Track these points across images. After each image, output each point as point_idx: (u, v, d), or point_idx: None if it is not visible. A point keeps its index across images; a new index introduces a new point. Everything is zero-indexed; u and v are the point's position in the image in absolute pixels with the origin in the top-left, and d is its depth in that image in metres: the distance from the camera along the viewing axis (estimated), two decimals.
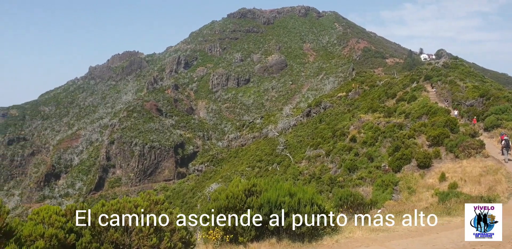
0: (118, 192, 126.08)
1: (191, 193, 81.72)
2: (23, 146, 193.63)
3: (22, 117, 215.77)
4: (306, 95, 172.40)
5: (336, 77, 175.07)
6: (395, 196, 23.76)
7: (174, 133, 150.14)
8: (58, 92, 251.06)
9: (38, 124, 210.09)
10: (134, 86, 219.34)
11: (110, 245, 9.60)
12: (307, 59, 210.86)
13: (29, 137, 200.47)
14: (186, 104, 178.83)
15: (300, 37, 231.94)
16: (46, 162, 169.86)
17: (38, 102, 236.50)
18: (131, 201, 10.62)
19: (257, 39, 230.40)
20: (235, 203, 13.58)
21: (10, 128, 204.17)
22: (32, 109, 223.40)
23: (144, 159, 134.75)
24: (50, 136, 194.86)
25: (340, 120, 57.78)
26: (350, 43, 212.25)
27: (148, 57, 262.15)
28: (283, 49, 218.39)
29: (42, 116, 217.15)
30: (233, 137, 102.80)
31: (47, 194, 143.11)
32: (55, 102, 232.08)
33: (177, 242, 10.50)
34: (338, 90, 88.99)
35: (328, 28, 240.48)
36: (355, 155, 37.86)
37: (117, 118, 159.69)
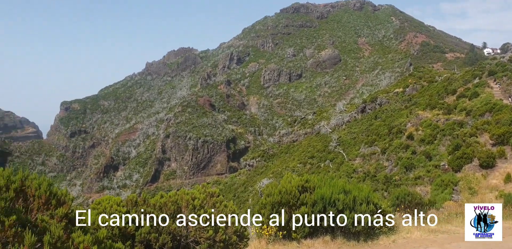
0: (173, 185, 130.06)
1: (242, 187, 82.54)
2: (84, 139, 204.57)
3: (84, 111, 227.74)
4: (361, 90, 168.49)
5: (393, 72, 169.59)
6: (455, 197, 22.67)
7: (226, 128, 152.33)
8: (117, 87, 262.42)
9: (98, 117, 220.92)
10: (189, 81, 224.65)
11: (167, 236, 9.83)
12: (362, 53, 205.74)
13: (90, 130, 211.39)
14: (238, 100, 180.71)
15: (355, 31, 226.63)
16: (105, 154, 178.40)
17: (98, 96, 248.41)
18: (188, 193, 10.83)
19: (310, 34, 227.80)
20: (289, 199, 13.48)
21: (72, 121, 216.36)
22: (92, 104, 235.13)
23: (198, 153, 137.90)
24: (109, 129, 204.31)
25: (396, 116, 55.93)
26: (407, 37, 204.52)
27: (202, 53, 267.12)
28: (337, 44, 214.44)
29: (102, 110, 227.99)
30: (284, 132, 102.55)
31: (106, 185, 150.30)
32: (114, 96, 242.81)
33: (232, 235, 10.58)
34: (395, 86, 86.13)
35: (384, 22, 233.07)
36: (412, 153, 36.52)
37: (172, 112, 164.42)
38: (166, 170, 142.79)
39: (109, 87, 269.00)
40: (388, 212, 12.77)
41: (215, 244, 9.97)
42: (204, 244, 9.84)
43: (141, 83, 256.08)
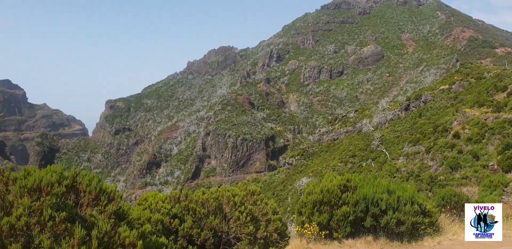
0: (213, 182, 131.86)
1: (281, 185, 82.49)
2: (128, 136, 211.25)
3: (128, 109, 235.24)
4: (405, 88, 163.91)
5: (438, 68, 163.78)
6: (505, 198, 21.61)
7: (265, 126, 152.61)
8: (159, 86, 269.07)
9: (141, 115, 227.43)
10: (228, 80, 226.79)
11: (209, 232, 9.98)
12: (406, 50, 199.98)
13: (133, 127, 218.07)
14: (278, 98, 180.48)
15: (398, 27, 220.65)
16: (148, 151, 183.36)
17: (142, 95, 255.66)
18: (229, 190, 10.94)
19: (352, 30, 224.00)
20: (330, 198, 13.34)
21: (117, 119, 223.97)
22: (136, 102, 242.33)
23: (237, 151, 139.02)
24: (152, 127, 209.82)
25: (442, 114, 54.02)
26: (454, 32, 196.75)
27: (242, 52, 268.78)
28: (380, 40, 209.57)
29: (145, 108, 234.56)
30: (324, 131, 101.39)
31: (148, 181, 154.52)
32: (156, 95, 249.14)
33: (273, 232, 10.59)
34: (440, 83, 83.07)
35: (429, 17, 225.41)
36: (459, 153, 35.17)
37: (212, 111, 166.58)
38: (206, 167, 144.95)
39: (152, 86, 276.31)
40: (433, 212, 12.41)
41: (255, 241, 10.02)
42: (245, 241, 9.91)
43: (182, 82, 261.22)
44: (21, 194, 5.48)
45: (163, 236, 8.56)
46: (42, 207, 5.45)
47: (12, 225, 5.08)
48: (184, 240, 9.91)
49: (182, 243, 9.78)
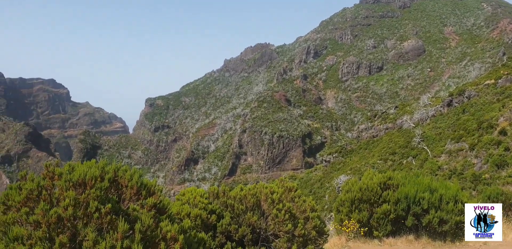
0: (249, 178, 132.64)
1: (318, 183, 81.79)
2: (167, 133, 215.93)
3: (166, 107, 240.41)
4: (447, 83, 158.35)
5: (483, 62, 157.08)
6: None
7: (302, 123, 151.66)
8: (197, 84, 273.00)
9: (179, 113, 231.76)
10: (265, 77, 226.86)
11: (247, 228, 10.01)
12: (448, 43, 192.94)
13: (172, 125, 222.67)
14: (315, 94, 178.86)
15: (441, 20, 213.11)
16: (186, 148, 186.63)
17: (180, 93, 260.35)
18: (267, 187, 10.92)
19: (392, 24, 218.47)
20: (370, 196, 13.12)
21: (156, 117, 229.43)
22: (174, 100, 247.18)
23: (273, 148, 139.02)
24: (190, 124, 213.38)
25: (487, 110, 51.80)
26: (500, 24, 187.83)
27: (279, 48, 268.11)
28: (421, 34, 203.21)
29: (183, 106, 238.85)
30: (363, 127, 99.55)
31: (187, 177, 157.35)
32: (194, 93, 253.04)
33: (311, 230, 10.50)
34: (485, 77, 79.61)
35: (474, 9, 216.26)
36: (505, 150, 33.63)
37: (248, 108, 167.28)
38: (243, 164, 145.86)
39: (190, 84, 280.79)
40: None
41: (294, 239, 9.97)
42: (283, 238, 9.88)
43: (219, 80, 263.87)
44: (66, 188, 5.68)
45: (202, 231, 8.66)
46: (87, 200, 5.62)
47: (59, 215, 5.26)
48: (223, 236, 9.98)
49: (221, 239, 9.86)
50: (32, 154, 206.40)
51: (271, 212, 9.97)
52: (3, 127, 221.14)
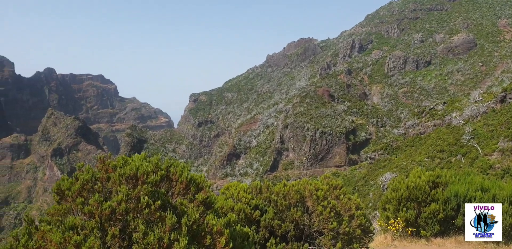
0: (291, 174, 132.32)
1: (362, 181, 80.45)
2: (210, 128, 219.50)
3: (210, 102, 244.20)
4: (500, 78, 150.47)
5: None
6: None
7: (346, 119, 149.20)
8: (240, 79, 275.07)
9: (222, 108, 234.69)
10: (308, 72, 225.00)
11: (291, 224, 9.98)
12: (503, 37, 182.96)
13: (215, 120, 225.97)
14: (359, 89, 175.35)
15: (494, 12, 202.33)
16: (228, 143, 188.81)
17: (223, 89, 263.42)
18: (311, 183, 10.84)
19: (441, 17, 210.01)
20: (417, 195, 12.77)
21: (200, 112, 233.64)
22: (217, 95, 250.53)
23: (316, 144, 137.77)
24: (232, 119, 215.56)
25: None
26: None
27: (322, 43, 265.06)
28: (472, 27, 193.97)
29: (225, 101, 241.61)
30: (410, 124, 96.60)
31: (229, 172, 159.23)
32: (236, 88, 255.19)
33: (356, 228, 10.34)
34: None
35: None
36: None
37: (291, 103, 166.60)
38: (285, 160, 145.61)
39: (232, 79, 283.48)
40: None
41: (338, 236, 9.86)
42: (328, 236, 9.78)
43: (261, 75, 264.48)
44: (119, 181, 5.88)
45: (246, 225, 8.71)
46: (139, 195, 5.80)
47: (113, 209, 5.47)
48: (266, 231, 10.02)
49: (264, 234, 9.90)
50: (81, 147, 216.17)
51: (316, 209, 9.89)
52: (55, 121, 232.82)
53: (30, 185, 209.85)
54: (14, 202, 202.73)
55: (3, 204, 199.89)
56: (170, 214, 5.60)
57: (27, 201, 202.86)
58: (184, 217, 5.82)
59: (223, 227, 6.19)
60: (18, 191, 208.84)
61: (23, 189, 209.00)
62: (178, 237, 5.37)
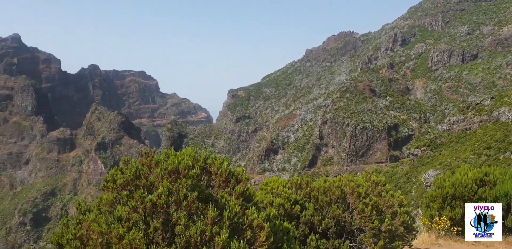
0: (330, 171, 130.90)
1: (404, 178, 78.59)
2: (248, 124, 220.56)
3: (248, 97, 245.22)
4: None
5: None
6: None
7: (388, 114, 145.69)
8: (278, 74, 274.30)
9: (260, 104, 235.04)
10: (348, 66, 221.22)
11: (331, 221, 9.86)
12: None
13: (253, 115, 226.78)
14: (402, 84, 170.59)
15: None
16: (266, 138, 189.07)
17: (261, 84, 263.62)
18: (352, 180, 10.65)
19: (489, 8, 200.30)
20: (464, 193, 12.32)
21: (238, 107, 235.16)
22: (255, 91, 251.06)
23: (356, 140, 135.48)
24: (270, 115, 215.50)
25: None
26: None
27: (363, 37, 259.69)
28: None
29: (263, 97, 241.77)
30: (455, 120, 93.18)
31: (266, 167, 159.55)
32: (275, 84, 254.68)
33: (399, 226, 10.10)
34: None
35: None
36: None
37: (330, 98, 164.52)
38: (323, 156, 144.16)
39: (270, 75, 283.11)
40: None
41: (380, 234, 9.66)
42: (369, 233, 9.60)
43: (300, 70, 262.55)
44: (162, 176, 5.99)
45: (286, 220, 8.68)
46: (179, 188, 5.89)
47: (154, 202, 5.58)
48: (306, 227, 9.95)
49: (304, 230, 9.84)
50: (124, 141, 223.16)
51: (357, 206, 9.71)
52: (99, 116, 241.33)
53: (75, 177, 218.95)
54: (60, 194, 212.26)
55: (50, 196, 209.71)
56: (211, 207, 5.65)
57: (72, 193, 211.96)
58: (225, 210, 5.86)
59: (264, 222, 6.18)
60: (64, 183, 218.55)
61: (68, 181, 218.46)
62: (220, 230, 5.41)
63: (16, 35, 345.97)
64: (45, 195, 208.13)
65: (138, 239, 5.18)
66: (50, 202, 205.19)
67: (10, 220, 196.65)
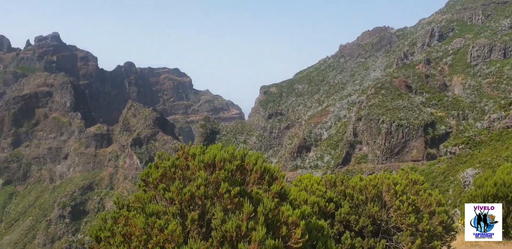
0: (364, 169, 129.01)
1: (442, 176, 76.46)
2: (280, 120, 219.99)
3: (280, 94, 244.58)
4: None
5: None
6: None
7: (424, 111, 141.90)
8: (311, 70, 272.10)
9: (292, 100, 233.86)
10: (383, 62, 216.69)
11: (367, 219, 9.70)
12: None
13: (285, 112, 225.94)
14: (439, 80, 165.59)
15: None
16: (298, 135, 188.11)
17: (293, 80, 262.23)
18: (389, 178, 10.43)
19: None
20: (507, 192, 11.89)
21: (270, 104, 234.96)
22: (288, 87, 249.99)
23: (391, 137, 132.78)
24: (303, 111, 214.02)
25: None
26: None
27: (399, 32, 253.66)
28: None
29: (296, 93, 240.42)
30: (496, 117, 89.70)
31: (299, 164, 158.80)
32: (307, 80, 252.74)
33: (437, 225, 9.85)
34: None
35: None
36: None
37: (364, 95, 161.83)
38: (357, 153, 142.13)
39: (303, 71, 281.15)
40: None
41: (417, 233, 9.45)
42: (407, 232, 9.40)
43: (333, 66, 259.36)
44: (199, 168, 6.05)
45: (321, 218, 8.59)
46: (217, 180, 5.93)
47: (192, 193, 5.64)
48: (341, 225, 9.83)
49: (339, 228, 9.73)
50: (159, 137, 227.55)
51: (394, 204, 9.51)
52: (134, 113, 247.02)
53: (112, 172, 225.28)
54: (98, 188, 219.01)
55: (88, 190, 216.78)
56: (247, 203, 5.65)
57: (108, 187, 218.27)
58: (260, 206, 5.86)
59: (299, 219, 6.15)
60: (101, 177, 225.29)
61: (105, 176, 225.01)
62: (256, 226, 5.41)
63: (56, 33, 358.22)
64: (83, 189, 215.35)
65: (178, 231, 5.26)
66: (87, 196, 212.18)
67: (50, 213, 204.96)
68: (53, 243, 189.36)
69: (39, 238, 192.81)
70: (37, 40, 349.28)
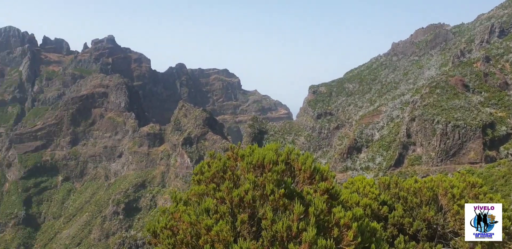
0: (418, 171, 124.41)
1: (502, 180, 72.39)
2: (329, 120, 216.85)
3: (329, 94, 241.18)
4: None
5: None
6: None
7: (483, 111, 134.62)
8: (362, 69, 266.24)
9: (342, 100, 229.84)
10: (438, 60, 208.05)
11: (422, 223, 9.34)
12: None
13: (335, 112, 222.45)
14: (499, 78, 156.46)
15: None
16: (349, 135, 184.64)
17: (343, 80, 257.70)
18: (445, 180, 9.98)
19: None
20: None
21: (319, 104, 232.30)
22: (338, 87, 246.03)
23: (447, 139, 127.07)
24: (353, 111, 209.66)
25: None
26: None
27: (455, 28, 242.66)
28: None
29: (346, 93, 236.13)
30: None
31: (349, 165, 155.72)
32: (358, 79, 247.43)
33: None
34: None
35: None
36: None
37: (418, 94, 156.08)
38: (411, 155, 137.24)
39: (354, 70, 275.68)
40: None
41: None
42: (464, 237, 8.95)
43: (386, 65, 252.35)
44: (247, 169, 6.06)
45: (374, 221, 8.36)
46: (265, 182, 5.91)
47: (241, 197, 5.66)
48: (394, 228, 9.54)
49: (392, 231, 9.44)
50: (208, 137, 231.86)
51: (451, 208, 9.08)
52: (185, 113, 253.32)
53: (164, 170, 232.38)
54: (150, 186, 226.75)
55: (140, 187, 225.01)
56: (297, 203, 5.59)
57: (160, 185, 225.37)
58: (311, 207, 5.78)
59: (351, 221, 6.00)
60: (153, 176, 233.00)
61: (157, 174, 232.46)
62: (306, 227, 5.33)
63: (111, 36, 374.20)
64: (136, 187, 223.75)
65: (225, 231, 5.29)
66: (140, 194, 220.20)
67: (105, 209, 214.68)
68: (108, 238, 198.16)
69: (94, 233, 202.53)
70: (93, 43, 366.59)
